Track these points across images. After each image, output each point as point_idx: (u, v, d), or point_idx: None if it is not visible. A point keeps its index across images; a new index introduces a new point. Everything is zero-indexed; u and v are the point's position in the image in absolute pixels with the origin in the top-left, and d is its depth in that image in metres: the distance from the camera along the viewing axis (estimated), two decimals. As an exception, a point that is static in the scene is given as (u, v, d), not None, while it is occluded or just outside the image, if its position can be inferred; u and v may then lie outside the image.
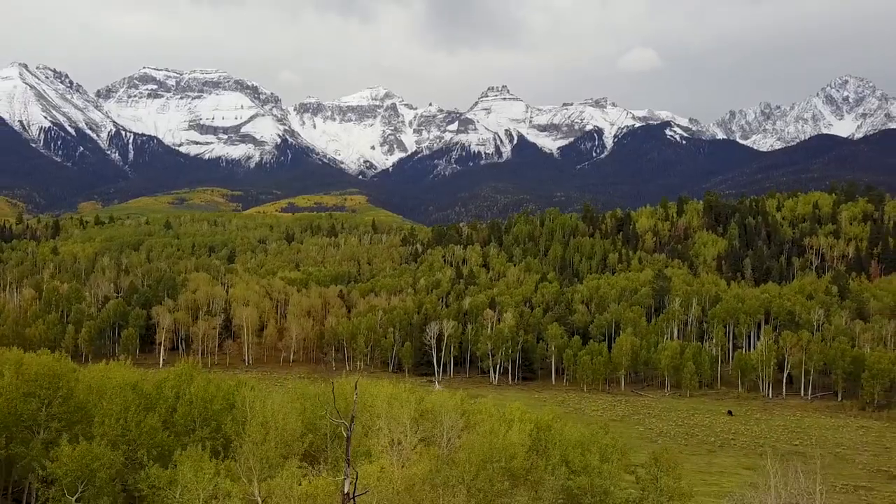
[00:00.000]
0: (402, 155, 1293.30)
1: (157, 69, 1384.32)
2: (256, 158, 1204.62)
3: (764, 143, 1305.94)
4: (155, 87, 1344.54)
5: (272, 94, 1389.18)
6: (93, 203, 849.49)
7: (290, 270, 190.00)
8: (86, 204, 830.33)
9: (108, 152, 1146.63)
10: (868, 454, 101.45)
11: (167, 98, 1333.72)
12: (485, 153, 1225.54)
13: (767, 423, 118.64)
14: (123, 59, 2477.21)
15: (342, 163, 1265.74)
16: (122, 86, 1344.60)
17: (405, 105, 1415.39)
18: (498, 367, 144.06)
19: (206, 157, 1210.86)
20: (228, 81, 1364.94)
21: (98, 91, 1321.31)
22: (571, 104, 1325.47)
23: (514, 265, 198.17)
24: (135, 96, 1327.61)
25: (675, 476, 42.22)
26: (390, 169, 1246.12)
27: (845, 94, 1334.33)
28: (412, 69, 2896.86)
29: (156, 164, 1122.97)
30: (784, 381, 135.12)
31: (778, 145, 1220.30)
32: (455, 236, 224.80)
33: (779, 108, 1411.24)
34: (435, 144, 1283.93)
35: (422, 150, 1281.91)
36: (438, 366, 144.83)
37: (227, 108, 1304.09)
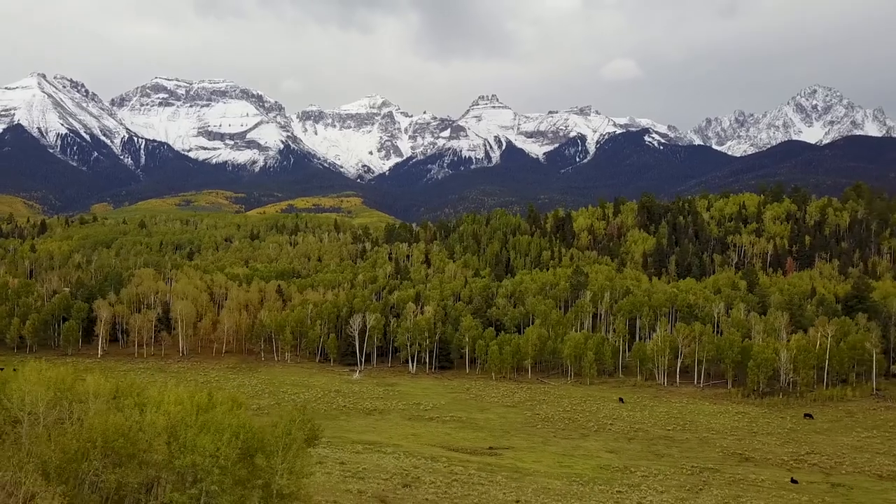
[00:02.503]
0: (398, 160, 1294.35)
1: (168, 79, 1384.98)
2: (261, 163, 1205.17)
3: (738, 148, 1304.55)
4: (166, 95, 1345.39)
5: (276, 102, 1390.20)
6: (104, 205, 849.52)
7: (240, 267, 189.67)
8: (98, 205, 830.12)
9: (121, 157, 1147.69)
10: (732, 438, 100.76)
11: (177, 106, 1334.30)
12: (475, 158, 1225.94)
13: (652, 410, 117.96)
14: (136, 69, 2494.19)
15: (341, 167, 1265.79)
16: (135, 95, 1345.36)
17: (401, 113, 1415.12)
18: (415, 357, 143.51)
19: (214, 161, 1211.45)
20: (235, 91, 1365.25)
21: (112, 100, 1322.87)
22: (557, 112, 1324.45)
23: (454, 262, 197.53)
24: (147, 104, 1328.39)
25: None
26: (387, 173, 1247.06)
27: (814, 102, 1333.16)
28: (408, 78, 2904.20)
29: (166, 168, 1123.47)
30: (678, 370, 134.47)
31: (751, 151, 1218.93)
32: (404, 234, 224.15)
33: (752, 115, 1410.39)
34: (429, 150, 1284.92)
35: (416, 156, 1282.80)
36: (361, 356, 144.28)
37: (233, 115, 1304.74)
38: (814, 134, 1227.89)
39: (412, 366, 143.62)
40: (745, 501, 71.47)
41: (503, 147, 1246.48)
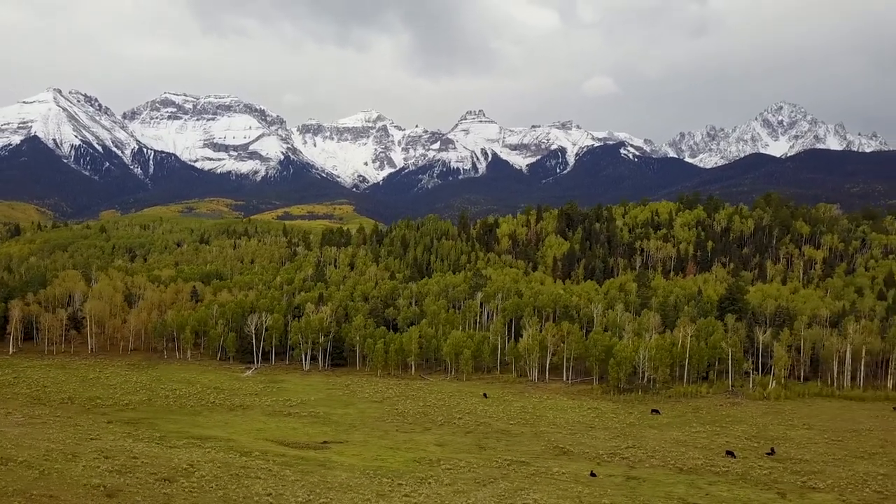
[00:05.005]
0: (392, 170, 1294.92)
1: (177, 94, 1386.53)
2: (262, 173, 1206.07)
3: (710, 160, 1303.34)
4: (174, 109, 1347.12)
5: (278, 116, 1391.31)
6: (113, 211, 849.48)
7: (169, 268, 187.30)
8: (107, 212, 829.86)
9: (131, 167, 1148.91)
10: (567, 432, 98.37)
11: (185, 119, 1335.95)
12: (463, 169, 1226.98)
13: (510, 405, 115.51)
14: (147, 85, 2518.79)
15: (338, 177, 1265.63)
16: (146, 109, 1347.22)
17: (395, 126, 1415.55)
18: (308, 354, 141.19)
19: (218, 171, 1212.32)
20: (239, 105, 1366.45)
21: (124, 113, 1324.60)
22: (539, 126, 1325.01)
23: (377, 265, 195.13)
24: (156, 118, 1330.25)
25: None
26: (380, 182, 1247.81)
27: (780, 118, 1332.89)
28: (401, 94, 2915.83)
29: (173, 177, 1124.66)
30: (547, 367, 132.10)
31: (721, 163, 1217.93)
32: (338, 238, 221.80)
33: (722, 130, 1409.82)
34: (420, 161, 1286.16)
35: (408, 166, 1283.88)
36: (257, 354, 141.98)
37: (237, 128, 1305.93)
38: (779, 147, 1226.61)
39: (306, 363, 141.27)
40: (526, 494, 69.03)
41: (489, 158, 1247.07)
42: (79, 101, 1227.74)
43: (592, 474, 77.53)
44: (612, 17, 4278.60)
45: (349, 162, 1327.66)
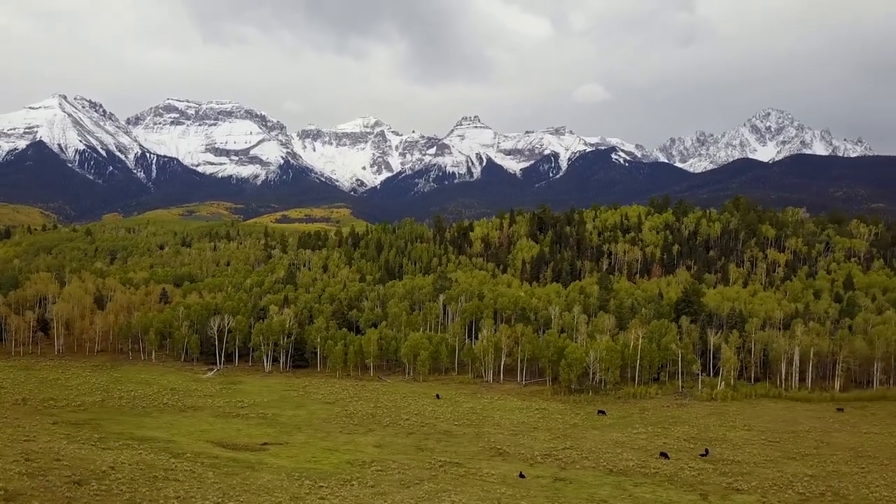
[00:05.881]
0: (389, 175, 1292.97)
1: (179, 100, 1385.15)
2: (262, 177, 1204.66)
3: (699, 165, 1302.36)
4: (177, 115, 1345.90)
5: (278, 121, 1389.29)
6: (115, 214, 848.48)
7: (144, 271, 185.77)
8: (109, 215, 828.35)
9: (134, 171, 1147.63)
10: (508, 433, 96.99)
11: (187, 125, 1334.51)
12: (458, 173, 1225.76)
13: (460, 406, 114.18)
14: (150, 91, 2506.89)
15: (337, 181, 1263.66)
16: (149, 114, 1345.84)
17: (392, 132, 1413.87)
18: (270, 356, 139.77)
19: (220, 175, 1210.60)
20: (240, 111, 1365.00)
21: (128, 119, 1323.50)
22: (533, 132, 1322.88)
23: (350, 268, 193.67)
24: (160, 123, 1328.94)
25: None
26: (378, 186, 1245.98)
27: (768, 124, 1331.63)
28: (398, 100, 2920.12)
29: (175, 181, 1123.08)
30: (501, 368, 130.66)
31: (711, 167, 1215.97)
32: (315, 241, 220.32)
33: (712, 135, 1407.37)
34: (416, 166, 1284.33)
35: (405, 171, 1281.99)
36: (219, 356, 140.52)
37: (238, 133, 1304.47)
38: (767, 153, 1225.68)
39: (267, 365, 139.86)
40: (447, 496, 67.60)
41: (484, 163, 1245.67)
42: (84, 107, 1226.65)
43: (521, 476, 76.21)
44: (602, 25, 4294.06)
45: (347, 166, 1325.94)
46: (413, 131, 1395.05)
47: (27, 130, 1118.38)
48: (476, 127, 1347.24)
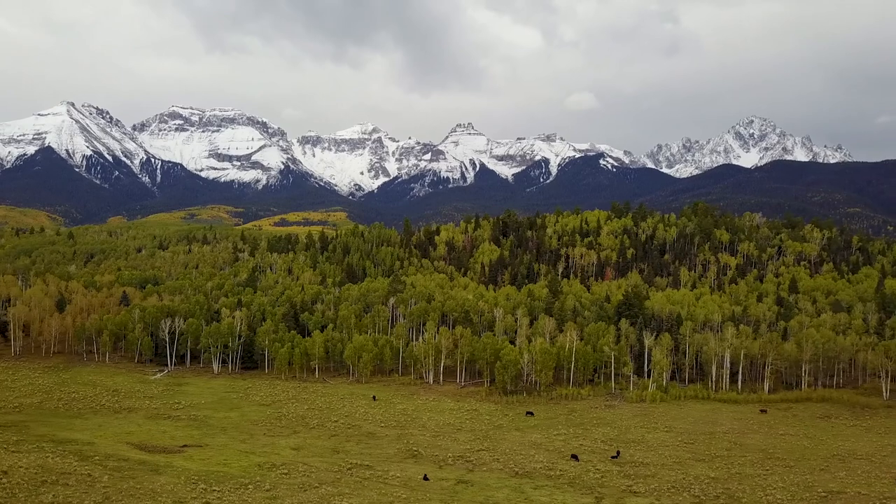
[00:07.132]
0: (386, 179, 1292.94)
1: (184, 107, 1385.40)
2: (263, 181, 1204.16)
3: (685, 171, 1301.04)
4: (181, 122, 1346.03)
5: (279, 128, 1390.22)
6: (119, 217, 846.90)
7: (111, 274, 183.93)
8: (114, 218, 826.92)
9: (140, 176, 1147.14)
10: (430, 435, 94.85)
11: (191, 131, 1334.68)
12: (452, 178, 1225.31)
13: (393, 407, 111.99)
14: (155, 99, 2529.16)
15: (335, 186, 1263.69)
16: (155, 121, 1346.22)
17: (389, 138, 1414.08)
18: (219, 358, 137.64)
19: (222, 180, 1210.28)
20: (242, 118, 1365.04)
21: (134, 125, 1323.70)
22: (525, 138, 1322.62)
23: (314, 270, 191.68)
24: (164, 130, 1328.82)
25: None
26: (375, 191, 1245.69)
27: (751, 131, 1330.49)
28: (395, 108, 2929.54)
29: (179, 186, 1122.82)
30: (441, 370, 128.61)
31: (696, 173, 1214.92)
32: (285, 245, 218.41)
33: (697, 142, 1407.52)
34: (412, 171, 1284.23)
35: (402, 176, 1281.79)
36: (171, 357, 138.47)
37: (240, 139, 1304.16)
38: (750, 159, 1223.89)
39: (216, 366, 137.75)
40: (342, 500, 65.60)
41: (477, 169, 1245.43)
42: (91, 114, 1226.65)
43: (426, 478, 74.29)
44: (591, 36, 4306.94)
45: (346, 171, 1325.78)
46: (409, 138, 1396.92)
47: (36, 136, 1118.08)
48: (470, 134, 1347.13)
